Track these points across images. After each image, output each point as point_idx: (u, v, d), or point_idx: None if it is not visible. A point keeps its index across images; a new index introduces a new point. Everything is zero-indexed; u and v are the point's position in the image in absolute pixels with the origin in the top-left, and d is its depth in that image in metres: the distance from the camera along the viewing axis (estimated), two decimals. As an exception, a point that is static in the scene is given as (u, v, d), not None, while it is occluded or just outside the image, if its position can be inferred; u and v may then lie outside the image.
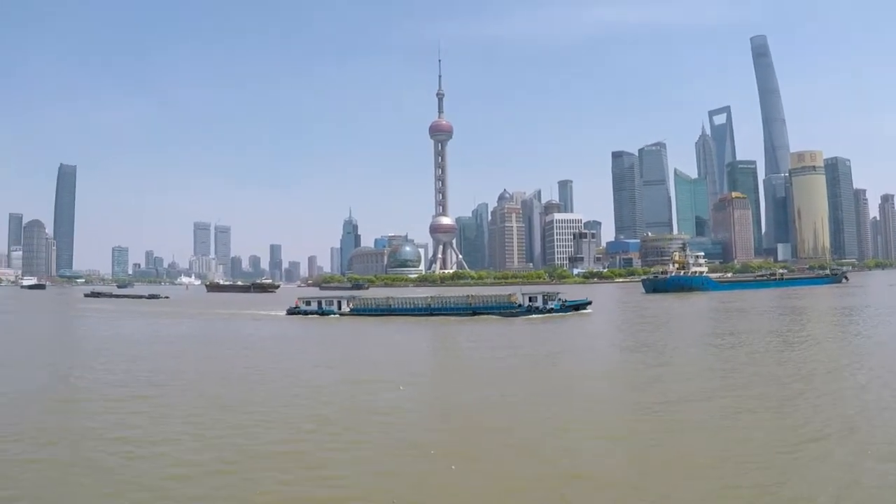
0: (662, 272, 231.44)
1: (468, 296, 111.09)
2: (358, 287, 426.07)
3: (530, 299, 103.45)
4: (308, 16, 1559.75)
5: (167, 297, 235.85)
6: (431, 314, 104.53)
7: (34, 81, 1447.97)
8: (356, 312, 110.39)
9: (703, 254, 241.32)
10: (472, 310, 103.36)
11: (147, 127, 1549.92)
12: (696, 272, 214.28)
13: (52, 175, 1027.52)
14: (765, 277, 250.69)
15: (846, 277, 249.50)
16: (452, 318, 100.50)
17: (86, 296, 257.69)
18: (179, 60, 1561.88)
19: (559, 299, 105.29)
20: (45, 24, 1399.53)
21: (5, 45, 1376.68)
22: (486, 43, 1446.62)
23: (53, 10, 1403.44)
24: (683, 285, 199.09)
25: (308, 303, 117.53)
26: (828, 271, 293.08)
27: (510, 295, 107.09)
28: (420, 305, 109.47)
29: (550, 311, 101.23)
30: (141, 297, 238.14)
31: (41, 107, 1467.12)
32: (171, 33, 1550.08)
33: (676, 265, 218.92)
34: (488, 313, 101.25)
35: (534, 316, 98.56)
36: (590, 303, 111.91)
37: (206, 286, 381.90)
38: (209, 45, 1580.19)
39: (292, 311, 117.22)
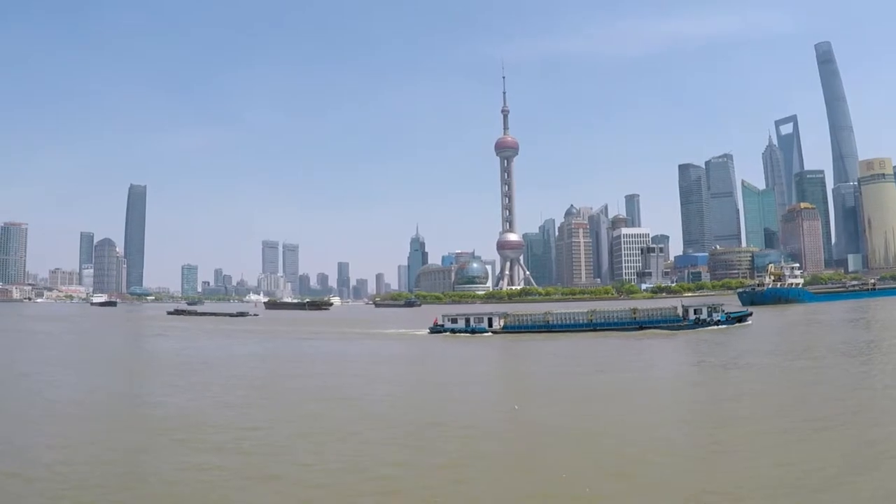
0: (759, 284, 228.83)
1: (633, 309, 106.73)
2: (409, 304, 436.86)
3: (695, 312, 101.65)
4: (373, 38, 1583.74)
5: (256, 315, 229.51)
6: (594, 329, 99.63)
7: (107, 104, 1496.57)
8: (510, 329, 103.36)
9: (798, 265, 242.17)
10: (639, 324, 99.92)
11: (216, 149, 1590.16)
12: (792, 284, 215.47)
13: (123, 195, 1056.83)
14: (857, 288, 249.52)
15: None
16: (617, 333, 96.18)
17: (168, 313, 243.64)
18: (249, 85, 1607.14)
19: (723, 311, 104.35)
20: (118, 49, 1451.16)
21: (80, 69, 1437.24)
22: (549, 59, 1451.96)
23: (128, 37, 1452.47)
24: (780, 297, 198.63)
25: (454, 320, 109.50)
26: None
27: (676, 308, 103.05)
28: (581, 321, 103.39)
29: (717, 323, 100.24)
30: (228, 314, 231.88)
31: (113, 129, 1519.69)
32: (241, 59, 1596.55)
33: (773, 277, 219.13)
34: (655, 327, 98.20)
35: (702, 329, 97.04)
36: (750, 314, 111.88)
37: (265, 304, 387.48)
38: (278, 69, 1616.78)
39: (436, 330, 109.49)
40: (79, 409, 42.28)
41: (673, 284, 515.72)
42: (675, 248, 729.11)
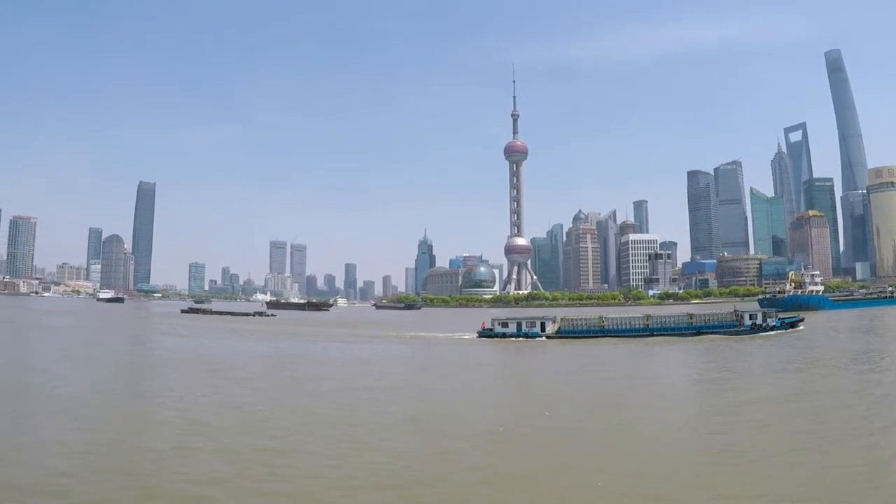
0: (780, 291, 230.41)
1: (690, 314, 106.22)
2: (409, 307, 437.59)
3: (751, 317, 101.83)
4: (385, 40, 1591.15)
5: (273, 315, 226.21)
6: (651, 335, 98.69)
7: (118, 101, 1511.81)
8: (564, 334, 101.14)
9: (818, 272, 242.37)
10: (696, 329, 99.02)
11: (227, 148, 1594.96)
12: (812, 291, 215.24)
13: (132, 192, 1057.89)
14: (875, 295, 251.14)
15: None
16: (675, 338, 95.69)
17: (182, 311, 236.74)
18: (259, 84, 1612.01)
19: (776, 316, 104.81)
20: (129, 46, 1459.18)
21: (91, 66, 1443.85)
22: (559, 64, 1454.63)
23: (139, 34, 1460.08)
24: (801, 304, 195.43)
25: (505, 324, 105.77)
26: None
27: (732, 313, 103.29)
28: (637, 326, 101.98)
29: (773, 328, 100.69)
30: (246, 314, 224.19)
31: (123, 125, 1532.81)
32: (252, 58, 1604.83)
33: (793, 284, 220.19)
34: (713, 332, 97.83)
35: (758, 334, 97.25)
36: (802, 320, 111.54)
37: (267, 304, 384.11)
38: (289, 69, 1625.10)
39: (484, 334, 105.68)
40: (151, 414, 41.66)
41: (680, 291, 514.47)
42: (683, 254, 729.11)
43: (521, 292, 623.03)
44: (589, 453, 31.49)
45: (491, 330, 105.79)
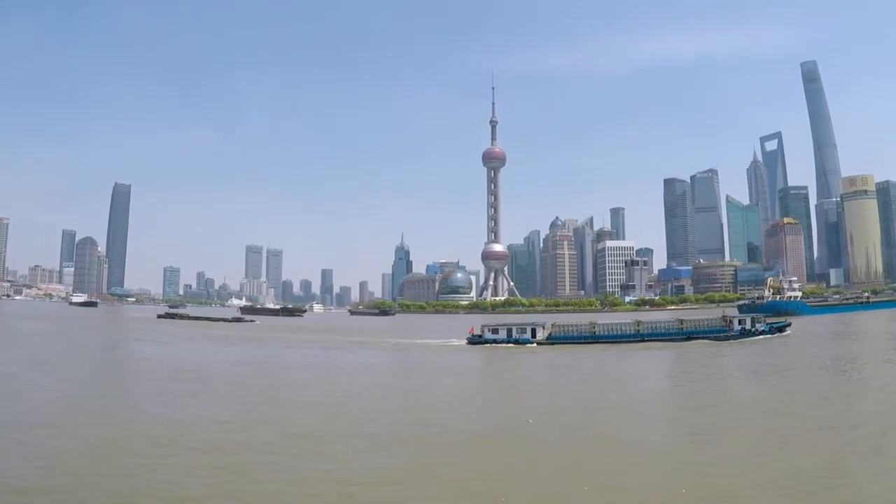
0: (759, 297, 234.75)
1: (680, 320, 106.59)
2: (384, 313, 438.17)
3: (740, 322, 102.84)
4: (362, 48, 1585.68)
5: (253, 321, 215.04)
6: (642, 340, 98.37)
7: (93, 101, 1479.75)
8: (555, 340, 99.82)
9: (796, 278, 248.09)
10: (686, 334, 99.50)
11: (203, 151, 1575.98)
12: (791, 297, 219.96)
13: (108, 194, 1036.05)
14: (851, 301, 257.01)
15: None
16: (666, 343, 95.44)
17: (159, 316, 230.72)
18: (238, 90, 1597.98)
19: (765, 321, 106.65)
20: (106, 46, 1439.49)
21: (68, 67, 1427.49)
22: (538, 72, 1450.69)
23: (118, 36, 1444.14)
24: (780, 310, 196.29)
25: (495, 330, 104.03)
26: None
27: (720, 318, 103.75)
28: (628, 331, 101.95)
29: (761, 332, 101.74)
30: (223, 320, 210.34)
31: (99, 126, 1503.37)
32: (231, 63, 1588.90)
33: (772, 290, 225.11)
34: (703, 337, 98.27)
35: (747, 339, 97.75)
36: (789, 324, 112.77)
37: (241, 309, 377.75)
38: (268, 76, 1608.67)
39: (474, 340, 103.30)
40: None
41: (656, 297, 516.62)
42: (659, 261, 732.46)
43: (497, 298, 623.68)
44: (567, 459, 30.94)
45: (480, 336, 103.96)
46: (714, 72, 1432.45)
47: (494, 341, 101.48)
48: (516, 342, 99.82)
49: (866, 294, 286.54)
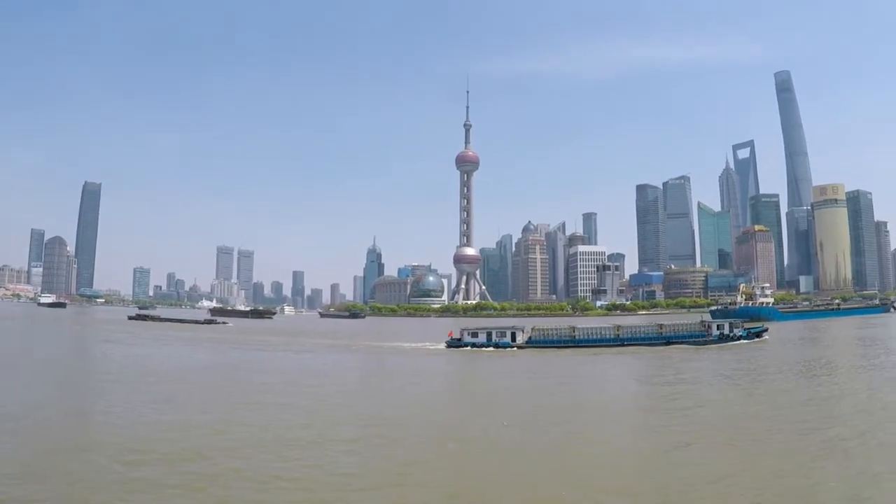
0: (731, 303, 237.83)
1: (660, 325, 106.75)
2: (354, 316, 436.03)
3: (718, 327, 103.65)
4: (337, 49, 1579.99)
5: (225, 323, 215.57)
6: (622, 345, 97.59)
7: (64, 100, 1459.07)
8: (535, 344, 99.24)
9: (768, 285, 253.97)
10: (666, 339, 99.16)
11: (174, 152, 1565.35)
12: (763, 303, 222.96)
13: (77, 192, 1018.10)
14: (822, 307, 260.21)
15: (894, 307, 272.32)
16: (645, 348, 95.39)
17: (130, 318, 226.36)
18: (211, 91, 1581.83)
19: (742, 327, 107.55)
20: (78, 45, 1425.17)
21: (40, 66, 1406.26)
22: (513, 77, 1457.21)
23: (90, 33, 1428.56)
24: (752, 315, 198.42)
25: (475, 334, 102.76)
26: (877, 301, 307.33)
27: (700, 323, 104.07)
28: (608, 336, 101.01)
29: (739, 338, 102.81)
30: (196, 322, 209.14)
31: (69, 125, 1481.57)
32: (205, 65, 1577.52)
33: (744, 296, 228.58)
34: (682, 342, 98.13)
35: (725, 344, 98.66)
36: (766, 330, 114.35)
37: (210, 311, 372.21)
38: (240, 74, 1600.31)
39: (453, 345, 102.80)
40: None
41: (628, 302, 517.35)
42: (631, 266, 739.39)
43: (469, 302, 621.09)
44: (540, 462, 30.83)
45: (460, 340, 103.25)
46: (688, 80, 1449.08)
47: (474, 345, 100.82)
48: (496, 346, 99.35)
49: (837, 301, 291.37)
